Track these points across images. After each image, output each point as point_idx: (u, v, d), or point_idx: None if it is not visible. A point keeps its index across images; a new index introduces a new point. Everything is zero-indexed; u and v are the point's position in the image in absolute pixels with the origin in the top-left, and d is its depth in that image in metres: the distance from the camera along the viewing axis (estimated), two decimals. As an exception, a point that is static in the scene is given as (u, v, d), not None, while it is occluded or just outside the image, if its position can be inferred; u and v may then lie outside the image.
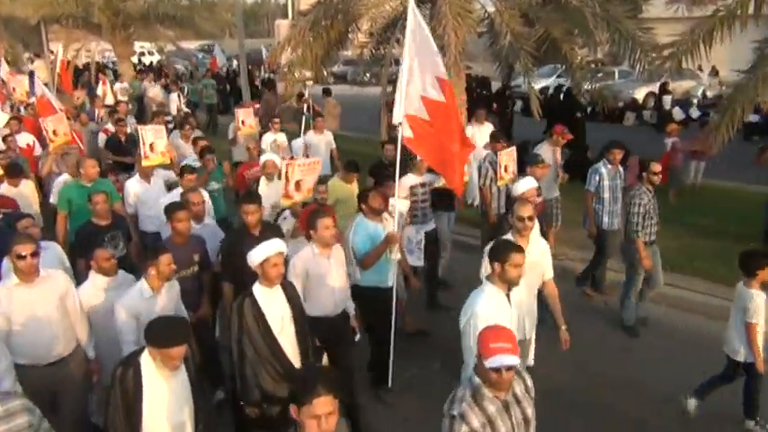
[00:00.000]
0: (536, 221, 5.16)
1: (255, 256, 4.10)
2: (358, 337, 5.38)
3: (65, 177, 7.55)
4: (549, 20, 10.42)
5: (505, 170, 7.24)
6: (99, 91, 16.89)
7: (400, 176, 5.98)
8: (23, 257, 4.25)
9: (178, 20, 19.99)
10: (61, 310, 4.48)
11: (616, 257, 7.41)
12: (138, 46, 30.11)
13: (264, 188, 7.08)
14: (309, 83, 18.89)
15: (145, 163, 7.39)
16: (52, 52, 23.74)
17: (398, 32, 12.34)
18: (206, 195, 6.59)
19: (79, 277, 5.36)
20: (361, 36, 12.83)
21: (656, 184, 6.68)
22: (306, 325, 4.38)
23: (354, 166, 7.42)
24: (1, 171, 7.33)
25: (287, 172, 5.65)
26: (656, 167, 6.65)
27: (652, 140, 13.06)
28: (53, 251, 5.48)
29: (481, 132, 10.21)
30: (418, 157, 6.82)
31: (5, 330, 4.28)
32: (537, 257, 4.94)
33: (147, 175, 7.37)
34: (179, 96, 16.27)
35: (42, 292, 4.41)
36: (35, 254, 4.30)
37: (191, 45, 39.70)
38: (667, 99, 17.55)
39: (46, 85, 13.37)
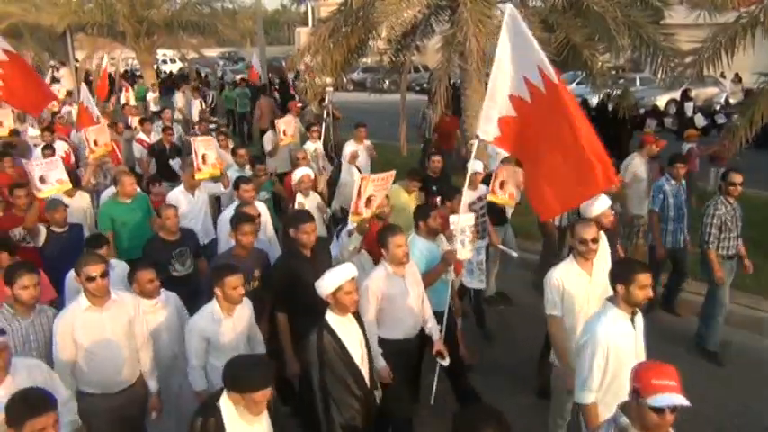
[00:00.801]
0: (604, 241, 4.79)
1: (327, 285, 3.84)
2: (447, 361, 4.90)
3: (111, 191, 7.19)
4: (570, 26, 10.39)
5: (501, 186, 6.81)
6: (122, 98, 17.16)
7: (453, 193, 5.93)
8: (93, 279, 4.01)
9: (201, 27, 20.28)
10: (129, 335, 4.27)
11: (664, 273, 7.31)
12: (160, 54, 30.58)
13: (302, 204, 6.84)
14: (330, 89, 19.02)
15: (198, 176, 7.15)
16: (77, 60, 24.17)
17: (418, 39, 12.43)
18: (263, 209, 6.46)
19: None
20: (380, 43, 12.90)
21: (736, 196, 6.29)
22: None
23: (418, 174, 7.19)
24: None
25: (360, 186, 5.30)
26: (737, 178, 6.27)
27: (673, 147, 12.94)
28: (121, 269, 5.26)
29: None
30: (471, 170, 6.53)
31: (73, 358, 4.08)
32: (605, 284, 4.31)
33: (192, 187, 7.15)
34: (201, 103, 16.43)
35: (113, 316, 4.18)
36: (105, 274, 4.07)
37: (212, 53, 40.22)
38: (689, 106, 17.36)
39: (69, 94, 13.60)
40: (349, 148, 9.60)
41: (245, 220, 5.16)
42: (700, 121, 16.17)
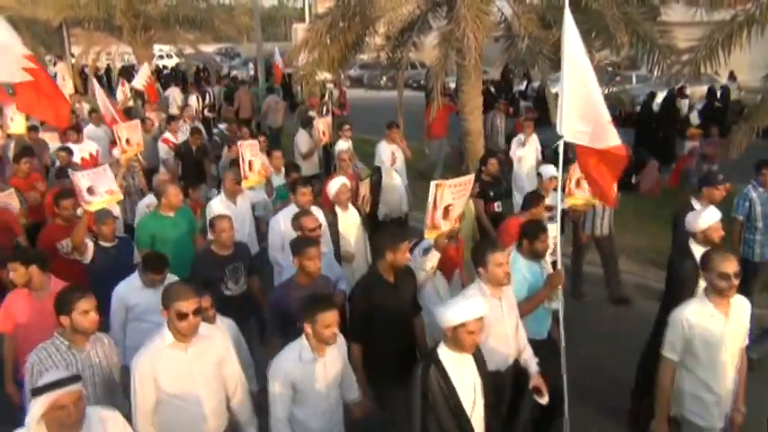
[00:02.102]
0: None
1: (451, 317, 3.31)
2: (545, 399, 4.21)
3: (150, 200, 6.73)
4: (568, 23, 10.39)
5: (577, 185, 6.18)
6: (119, 94, 17.09)
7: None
8: (185, 316, 3.41)
9: (197, 23, 20.22)
10: (218, 378, 3.66)
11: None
12: (156, 49, 30.49)
13: (340, 219, 6.04)
14: (330, 85, 18.97)
15: (245, 183, 6.67)
16: (73, 55, 24.10)
17: (415, 36, 12.42)
18: (322, 218, 5.81)
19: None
20: (377, 39, 12.90)
21: None
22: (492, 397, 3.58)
23: (474, 178, 6.62)
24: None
25: (436, 195, 4.53)
26: None
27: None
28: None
29: (531, 146, 9.89)
30: (547, 176, 6.30)
31: (152, 403, 3.48)
32: (742, 322, 3.95)
33: (234, 194, 6.61)
34: (198, 99, 16.37)
35: (200, 355, 3.56)
36: (198, 311, 3.49)
37: (209, 48, 40.12)
38: (684, 103, 17.42)
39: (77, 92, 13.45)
40: (383, 149, 9.03)
41: (310, 245, 4.46)
42: (694, 119, 16.24)
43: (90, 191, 5.68)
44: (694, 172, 11.11)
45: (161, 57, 34.61)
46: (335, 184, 6.27)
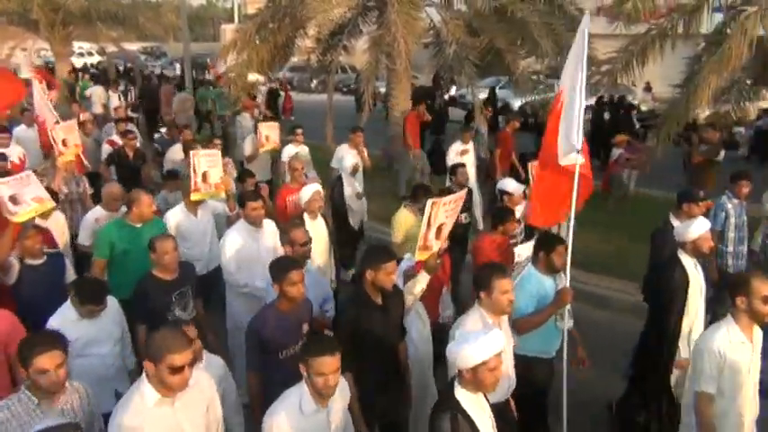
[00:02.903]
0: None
1: (471, 357, 2.99)
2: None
3: (99, 213, 6.02)
4: (494, 30, 10.72)
5: None
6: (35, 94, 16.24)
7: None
8: (179, 370, 2.93)
9: (120, 19, 19.51)
10: (207, 426, 3.26)
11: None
12: (77, 47, 29.26)
13: (309, 229, 5.40)
14: (262, 87, 18.67)
15: (194, 197, 5.97)
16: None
17: (345, 40, 12.48)
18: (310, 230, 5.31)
19: (138, 349, 4.34)
20: (308, 42, 12.88)
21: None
22: None
23: (425, 189, 6.27)
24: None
25: (431, 214, 4.22)
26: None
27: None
28: (113, 309, 4.26)
29: (471, 156, 9.53)
30: (510, 189, 6.06)
31: None
32: (760, 347, 3.77)
33: (194, 204, 6.01)
34: (119, 98, 15.83)
35: (188, 406, 3.13)
36: (192, 362, 3.04)
37: (133, 46, 38.82)
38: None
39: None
40: (347, 155, 8.42)
41: (293, 266, 3.99)
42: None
43: (14, 200, 4.91)
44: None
45: (81, 54, 33.21)
46: (308, 191, 5.91)
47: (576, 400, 4.76)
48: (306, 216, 5.86)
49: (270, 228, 5.57)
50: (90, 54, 33.73)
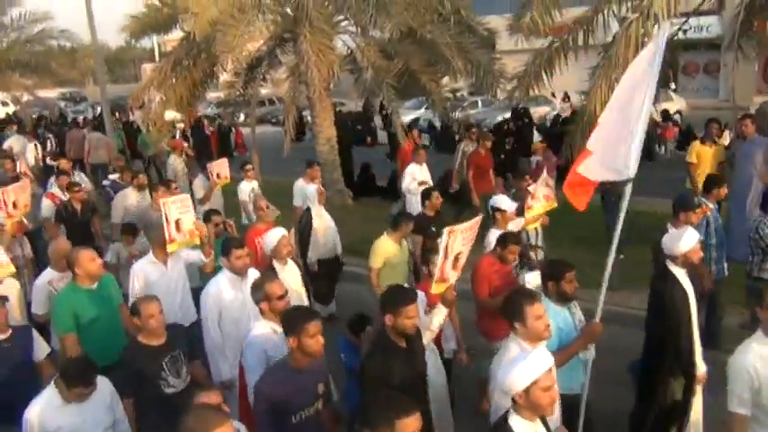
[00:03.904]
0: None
1: (520, 379, 2.85)
2: None
3: (50, 275, 5.48)
4: (408, 53, 10.99)
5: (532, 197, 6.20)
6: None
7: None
8: None
9: (33, 67, 18.99)
10: None
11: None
12: (-10, 96, 28.27)
13: (282, 277, 5.06)
14: (180, 125, 18.51)
15: (171, 248, 5.52)
16: None
17: (265, 71, 12.56)
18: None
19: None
20: (227, 76, 12.88)
21: None
22: None
23: (407, 218, 6.16)
24: None
25: (448, 243, 3.96)
26: None
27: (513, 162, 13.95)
28: (104, 392, 3.82)
29: (423, 173, 9.57)
30: (504, 206, 5.92)
31: None
32: None
33: (162, 255, 5.52)
34: (36, 147, 15.31)
35: None
36: None
37: (52, 93, 37.75)
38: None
39: None
40: (309, 188, 8.07)
41: (310, 317, 3.57)
42: (535, 137, 17.56)
43: None
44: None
45: (-6, 104, 32.02)
46: (274, 237, 5.54)
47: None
48: (275, 263, 5.49)
49: (254, 277, 5.00)
50: (5, 104, 32.55)
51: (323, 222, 7.52)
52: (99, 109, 25.82)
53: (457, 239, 4.01)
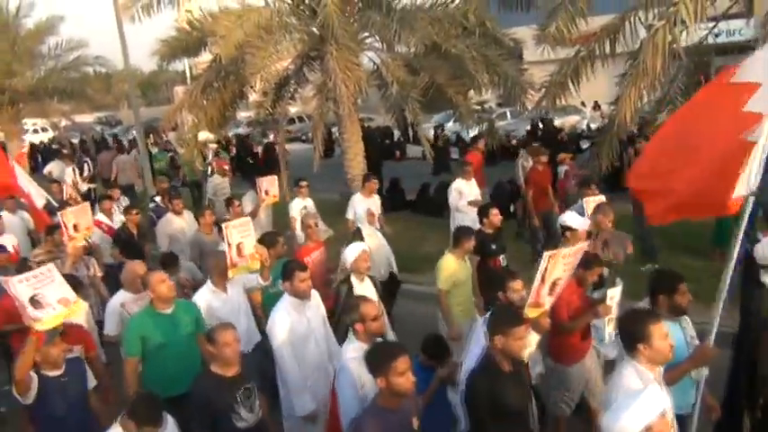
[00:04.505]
0: None
1: (631, 425, 2.61)
2: None
3: (123, 297, 5.42)
4: (433, 67, 11.02)
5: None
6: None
7: None
8: None
9: (69, 93, 19.54)
10: None
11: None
12: (30, 123, 29.14)
13: (357, 291, 5.04)
14: (213, 145, 18.82)
15: (233, 273, 5.40)
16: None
17: (293, 89, 12.74)
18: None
19: None
20: (256, 96, 13.08)
21: None
22: None
23: (467, 233, 5.86)
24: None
25: (546, 267, 3.76)
26: None
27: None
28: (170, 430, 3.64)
29: (470, 189, 9.17)
30: (575, 224, 5.56)
31: None
32: None
33: (222, 281, 5.39)
34: (74, 171, 15.72)
35: None
36: None
37: (88, 118, 38.78)
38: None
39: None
40: (359, 204, 7.87)
41: (398, 353, 3.29)
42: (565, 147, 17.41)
43: (35, 303, 3.92)
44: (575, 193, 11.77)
45: (35, 131, 33.02)
46: (354, 251, 5.36)
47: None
48: (353, 279, 5.29)
49: (316, 299, 4.91)
50: (44, 130, 33.55)
51: (374, 242, 7.14)
52: (133, 132, 26.48)
53: (557, 265, 3.80)
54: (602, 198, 6.26)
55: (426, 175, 15.65)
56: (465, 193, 9.07)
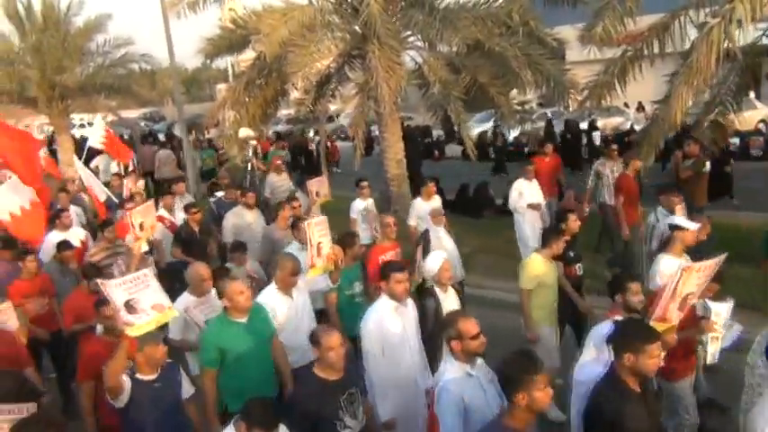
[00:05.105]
0: None
1: None
2: None
3: (187, 301, 5.16)
4: (475, 66, 10.93)
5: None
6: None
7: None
8: None
9: (116, 89, 19.99)
10: None
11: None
12: (77, 119, 29.90)
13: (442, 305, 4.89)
14: (253, 142, 19.07)
15: (312, 273, 5.24)
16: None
17: (334, 88, 12.77)
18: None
19: None
20: (297, 93, 13.17)
21: None
22: None
23: (557, 234, 5.74)
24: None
25: (679, 281, 3.59)
26: None
27: (585, 175, 13.60)
28: None
29: (532, 190, 9.04)
30: (686, 224, 5.35)
31: None
32: None
33: (288, 286, 5.11)
34: (119, 165, 16.10)
35: None
36: None
37: (133, 113, 39.63)
38: (596, 135, 18.40)
39: None
40: (422, 207, 7.74)
41: (537, 367, 3.09)
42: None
43: (130, 308, 3.84)
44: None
45: (82, 126, 33.88)
46: (437, 261, 5.11)
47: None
48: (436, 290, 5.05)
49: (411, 306, 4.71)
50: (90, 125, 34.37)
51: (443, 245, 6.84)
52: (176, 128, 26.97)
53: (690, 279, 3.64)
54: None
55: (465, 174, 15.54)
56: (525, 193, 8.86)
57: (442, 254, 5.30)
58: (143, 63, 20.79)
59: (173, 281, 6.55)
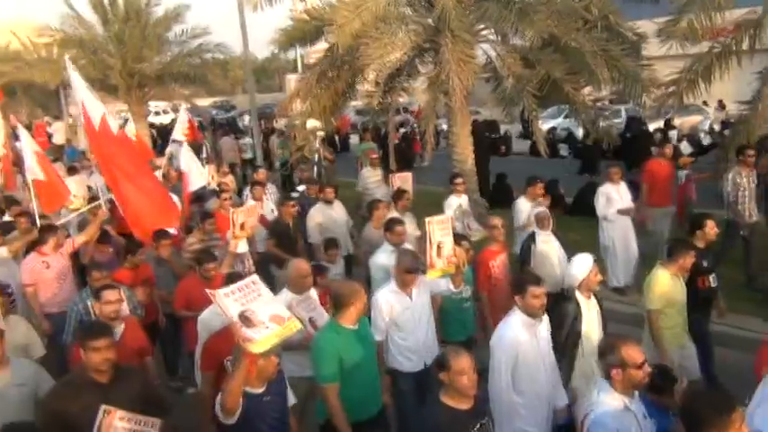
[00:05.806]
0: None
1: None
2: None
3: (287, 297, 4.84)
4: (550, 61, 10.66)
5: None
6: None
7: None
8: None
9: (192, 78, 20.62)
10: None
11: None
12: (152, 106, 31.01)
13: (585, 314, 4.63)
14: (321, 133, 19.30)
15: (431, 274, 4.98)
16: (71, 115, 24.51)
17: (404, 81, 12.72)
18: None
19: None
20: (367, 86, 13.19)
21: None
22: None
23: (686, 247, 5.26)
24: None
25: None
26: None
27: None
28: None
29: (620, 194, 8.41)
30: None
31: None
32: None
33: (408, 284, 4.95)
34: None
35: None
36: None
37: (205, 102, 40.79)
38: (673, 134, 17.72)
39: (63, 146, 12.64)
40: (523, 207, 7.41)
41: (735, 404, 2.85)
42: (686, 148, 16.45)
43: (246, 321, 3.42)
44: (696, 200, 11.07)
45: (157, 113, 35.10)
46: (584, 265, 4.72)
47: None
48: (579, 297, 4.66)
49: (546, 317, 4.43)
50: (165, 112, 35.62)
51: (550, 249, 6.45)
52: (246, 117, 27.56)
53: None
54: None
55: (533, 172, 15.22)
56: (614, 199, 8.18)
57: (589, 257, 4.83)
58: (217, 53, 21.39)
59: (263, 272, 6.52)
